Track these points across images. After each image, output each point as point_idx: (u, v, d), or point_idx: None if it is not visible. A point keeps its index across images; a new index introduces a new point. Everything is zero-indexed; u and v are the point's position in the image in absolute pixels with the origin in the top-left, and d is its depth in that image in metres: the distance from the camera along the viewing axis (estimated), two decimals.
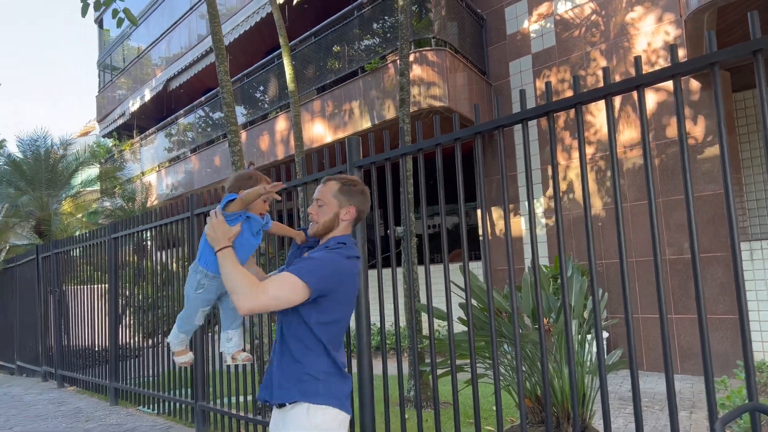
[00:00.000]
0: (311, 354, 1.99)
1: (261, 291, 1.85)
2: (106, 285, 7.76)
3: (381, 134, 8.67)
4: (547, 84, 2.70)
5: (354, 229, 2.47)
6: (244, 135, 11.08)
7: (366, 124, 8.67)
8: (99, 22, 19.00)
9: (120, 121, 17.08)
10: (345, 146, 3.81)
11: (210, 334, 5.66)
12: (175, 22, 14.50)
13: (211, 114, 12.52)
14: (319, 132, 9.45)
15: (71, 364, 9.04)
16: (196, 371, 5.75)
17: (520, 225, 9.16)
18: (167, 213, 6.02)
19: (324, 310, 1.98)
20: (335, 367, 2.02)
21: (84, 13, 6.60)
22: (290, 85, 7.74)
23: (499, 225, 9.21)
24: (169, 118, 14.03)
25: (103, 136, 18.64)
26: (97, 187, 15.30)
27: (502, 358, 3.72)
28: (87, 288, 8.63)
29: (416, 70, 8.02)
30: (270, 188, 1.97)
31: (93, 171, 16.52)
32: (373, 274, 9.50)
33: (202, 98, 12.76)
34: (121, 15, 6.76)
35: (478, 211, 10.00)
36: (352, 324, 3.69)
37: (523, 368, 3.50)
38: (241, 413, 5.03)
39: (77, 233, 12.57)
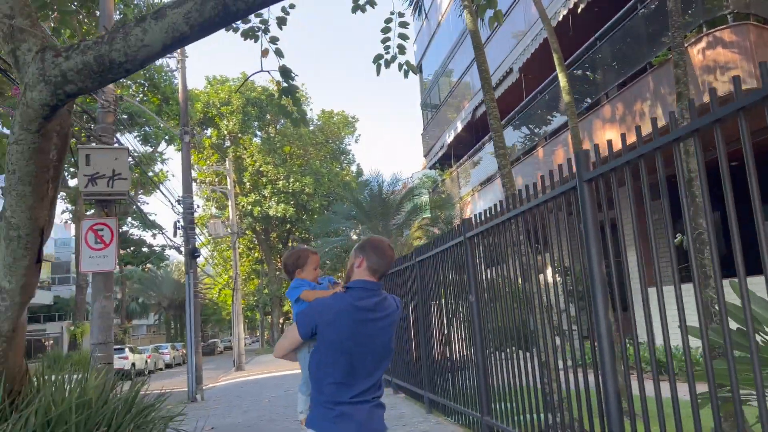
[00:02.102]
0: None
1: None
2: (418, 302, 8.68)
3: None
4: None
5: (376, 277, 2.61)
6: (541, 152, 11.13)
7: (659, 123, 7.87)
8: (419, 66, 21.36)
9: (440, 153, 18.79)
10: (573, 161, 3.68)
11: (495, 352, 5.86)
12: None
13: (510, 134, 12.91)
14: (611, 138, 8.91)
15: (400, 372, 10.29)
16: (481, 386, 6.03)
17: None
18: (447, 238, 6.53)
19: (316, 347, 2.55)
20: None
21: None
22: (566, 96, 7.58)
23: None
24: (477, 145, 14.92)
25: (430, 168, 20.72)
26: (427, 215, 17.10)
27: None
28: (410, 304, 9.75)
29: (709, 55, 7.00)
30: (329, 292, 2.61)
31: (423, 199, 18.52)
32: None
33: (503, 122, 13.24)
34: (405, 68, 7.62)
35: None
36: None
37: None
38: None
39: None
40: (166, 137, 29.17)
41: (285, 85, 6.99)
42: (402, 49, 7.43)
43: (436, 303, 7.96)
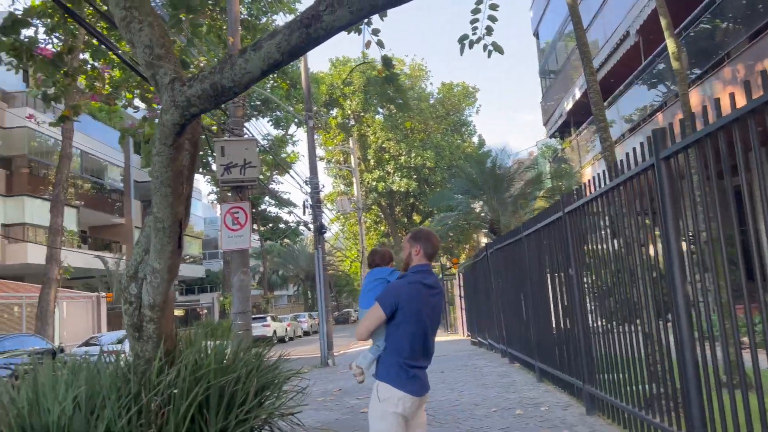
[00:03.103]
0: None
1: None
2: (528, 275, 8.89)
3: None
4: None
5: (430, 260, 3.20)
6: (660, 117, 10.70)
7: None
8: (536, 34, 20.85)
9: (559, 122, 18.37)
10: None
11: (600, 322, 6.00)
12: (593, 18, 14.88)
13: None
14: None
15: (513, 343, 10.57)
16: (581, 354, 6.22)
17: None
18: (549, 213, 6.70)
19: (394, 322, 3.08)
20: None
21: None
22: (674, 63, 7.34)
23: None
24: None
25: (550, 137, 20.31)
26: (548, 185, 16.92)
27: None
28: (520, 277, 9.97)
29: None
30: None
31: (542, 170, 18.28)
32: None
33: (621, 87, 12.79)
34: (490, 47, 7.71)
35: None
36: None
37: None
38: (625, 404, 5.10)
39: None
40: (296, 120, 30.90)
41: (387, 73, 7.48)
42: (490, 30, 7.55)
43: (543, 276, 8.12)
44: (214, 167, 28.34)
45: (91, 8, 7.15)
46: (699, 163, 3.59)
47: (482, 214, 14.33)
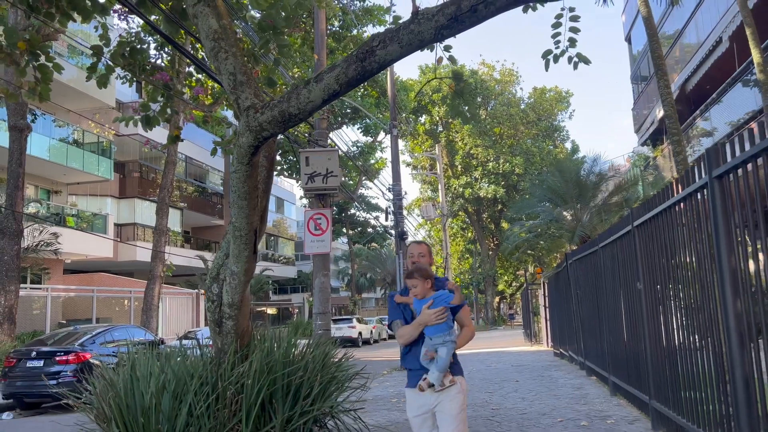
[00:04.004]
0: None
1: None
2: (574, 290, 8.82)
3: None
4: None
5: None
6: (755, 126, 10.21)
7: None
8: (627, 39, 20.23)
9: (651, 129, 17.76)
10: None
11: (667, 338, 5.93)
12: (687, 21, 14.34)
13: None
14: None
15: (591, 356, 10.43)
16: (648, 369, 6.17)
17: None
18: (619, 227, 6.69)
19: None
20: None
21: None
22: (759, 75, 7.09)
23: None
24: (688, 119, 13.97)
25: (641, 145, 19.63)
26: (637, 195, 16.41)
27: None
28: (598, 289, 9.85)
29: None
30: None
31: (633, 180, 17.71)
32: None
33: (714, 95, 12.27)
34: (575, 59, 7.75)
35: None
36: None
37: None
38: (691, 423, 4.97)
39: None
40: (384, 127, 31.59)
41: (457, 87, 7.73)
42: (573, 42, 7.59)
43: (617, 288, 8.03)
44: None
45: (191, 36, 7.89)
46: (749, 182, 3.60)
47: (565, 223, 14.16)
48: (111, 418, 4.18)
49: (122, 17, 8.30)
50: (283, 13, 6.46)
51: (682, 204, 4.71)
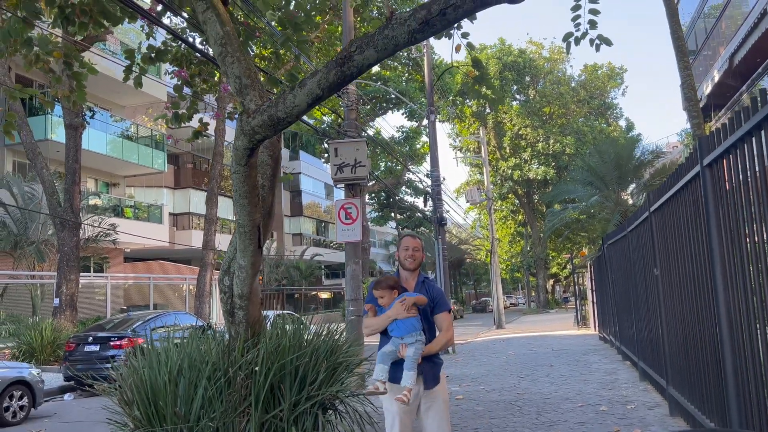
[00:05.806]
0: None
1: None
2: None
3: None
4: None
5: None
6: None
7: None
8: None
9: (700, 105, 17.12)
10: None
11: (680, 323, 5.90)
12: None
13: None
14: None
15: (623, 338, 10.34)
16: (665, 355, 6.14)
17: None
18: (640, 212, 6.63)
19: None
20: None
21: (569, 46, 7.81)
22: None
23: None
24: (734, 96, 13.43)
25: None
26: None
27: None
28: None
29: None
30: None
31: (680, 161, 17.18)
32: None
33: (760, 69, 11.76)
34: (597, 41, 7.62)
35: None
36: None
37: None
38: (698, 411, 4.97)
39: None
40: (425, 112, 31.52)
41: (477, 73, 7.75)
42: (593, 24, 7.48)
43: (642, 273, 7.95)
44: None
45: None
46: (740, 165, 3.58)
47: (608, 205, 13.91)
48: (133, 401, 4.56)
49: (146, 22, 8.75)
50: (302, 13, 6.69)
51: (684, 191, 4.68)
